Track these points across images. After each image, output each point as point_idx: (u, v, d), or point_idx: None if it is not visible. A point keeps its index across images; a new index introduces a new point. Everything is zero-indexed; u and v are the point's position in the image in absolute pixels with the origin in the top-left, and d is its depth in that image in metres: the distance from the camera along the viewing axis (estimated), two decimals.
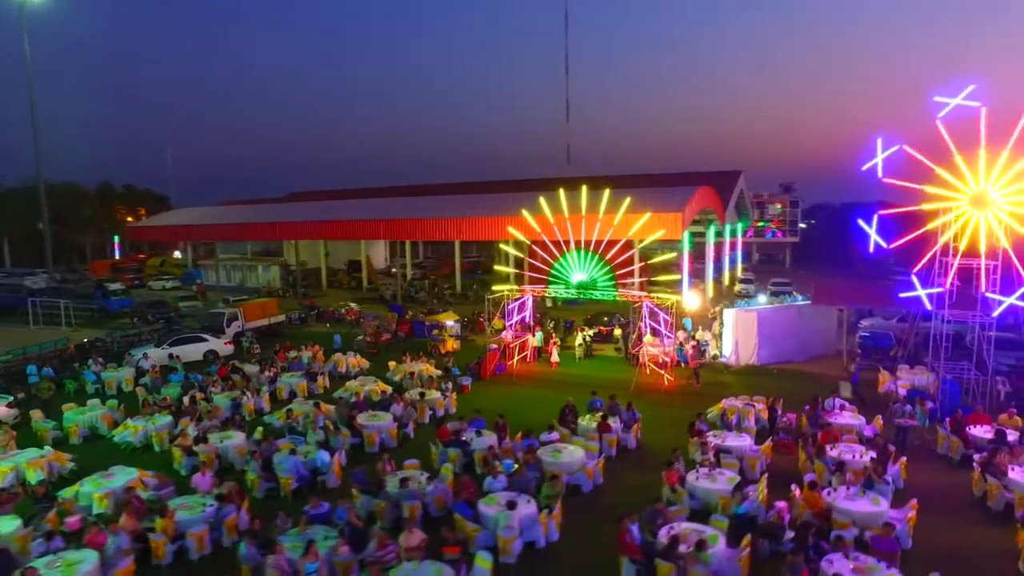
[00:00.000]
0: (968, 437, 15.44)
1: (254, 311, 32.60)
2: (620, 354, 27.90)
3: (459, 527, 11.85)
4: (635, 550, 10.82)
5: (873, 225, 18.36)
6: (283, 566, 10.11)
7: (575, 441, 15.93)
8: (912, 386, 19.87)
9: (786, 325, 26.07)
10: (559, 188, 26.29)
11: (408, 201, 47.69)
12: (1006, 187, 16.40)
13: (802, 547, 10.29)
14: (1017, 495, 12.74)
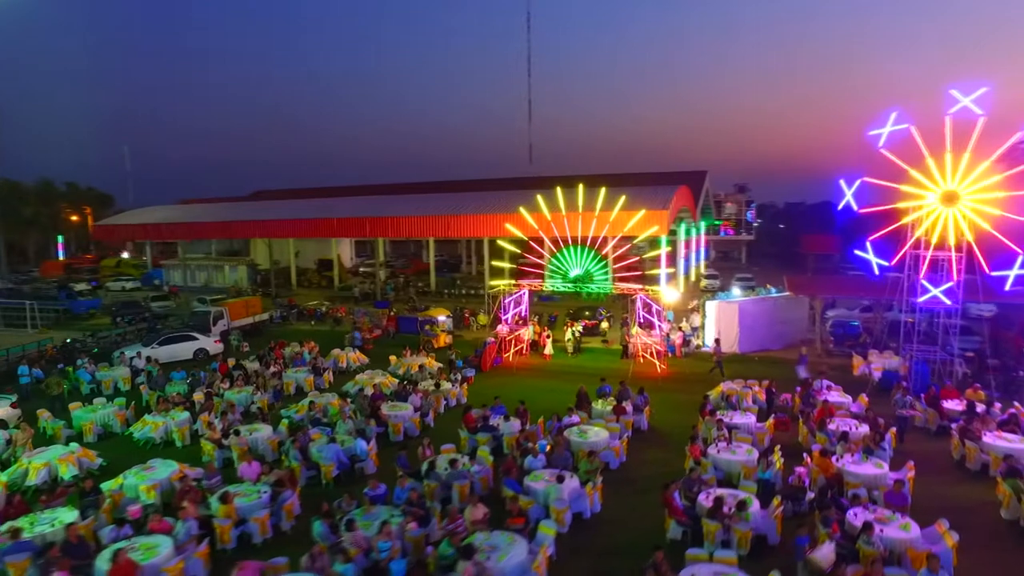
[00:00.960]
0: (943, 409, 17.28)
1: (239, 310, 32.41)
2: (608, 346, 29.19)
3: (511, 501, 12.68)
4: (681, 513, 11.92)
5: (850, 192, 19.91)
6: (361, 541, 10.73)
7: (595, 423, 16.96)
8: (884, 368, 21.84)
9: (764, 316, 27.90)
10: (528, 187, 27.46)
11: (381, 199, 47.75)
12: (971, 186, 18.34)
13: (829, 503, 11.60)
14: (992, 456, 14.49)
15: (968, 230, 18.57)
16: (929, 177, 19.03)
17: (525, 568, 10.26)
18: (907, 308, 21.48)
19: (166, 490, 13.73)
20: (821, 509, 11.59)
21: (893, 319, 27.38)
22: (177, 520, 11.65)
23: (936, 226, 18.72)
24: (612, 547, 11.97)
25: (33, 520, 11.75)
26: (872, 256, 19.85)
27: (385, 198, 48.20)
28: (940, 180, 18.81)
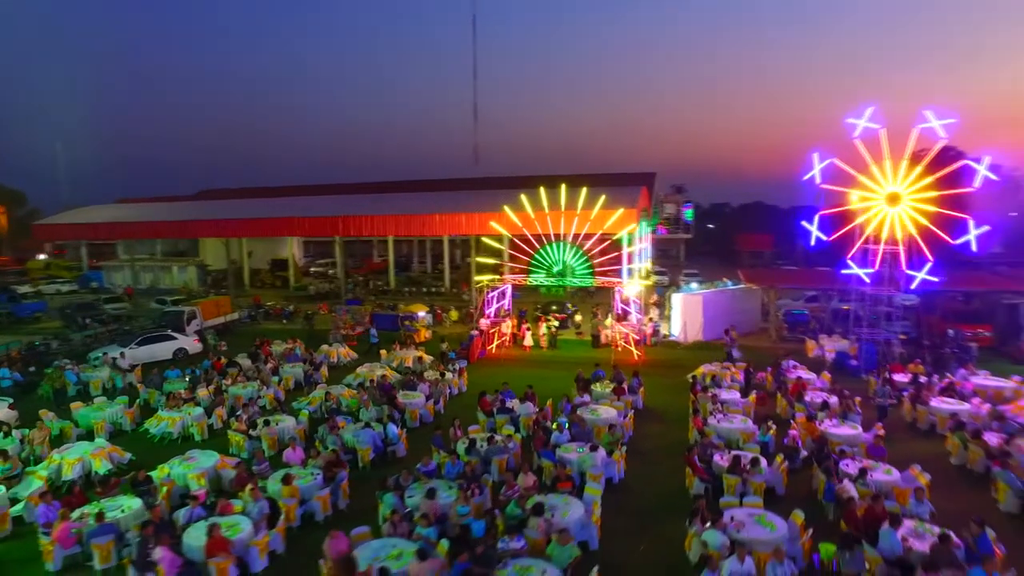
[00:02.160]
0: (894, 382, 19.96)
1: (210, 309, 32.08)
2: (581, 337, 30.96)
3: (547, 471, 14.05)
4: (703, 471, 13.66)
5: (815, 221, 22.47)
6: (436, 507, 11.82)
7: (602, 403, 18.55)
8: (836, 351, 24.61)
9: (724, 306, 30.40)
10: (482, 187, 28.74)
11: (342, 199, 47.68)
12: (911, 186, 21.17)
13: (825, 458, 13.64)
14: (938, 416, 17.12)
15: (912, 226, 21.35)
16: (875, 181, 21.77)
17: (585, 522, 11.66)
18: (854, 297, 24.32)
19: (212, 478, 14.27)
20: (820, 463, 13.62)
21: (834, 307, 30.61)
22: (243, 502, 12.33)
23: (884, 224, 21.44)
24: (645, 505, 13.53)
25: (101, 507, 12.09)
26: (815, 229, 22.30)
27: (342, 198, 48.14)
28: (884, 183, 21.56)
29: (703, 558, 10.77)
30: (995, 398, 18.59)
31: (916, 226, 21.00)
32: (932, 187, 21.02)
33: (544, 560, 10.24)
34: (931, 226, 20.83)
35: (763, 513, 11.51)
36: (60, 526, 11.35)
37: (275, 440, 16.54)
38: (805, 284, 33.48)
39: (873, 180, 21.79)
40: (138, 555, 10.59)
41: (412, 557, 10.23)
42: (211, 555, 10.56)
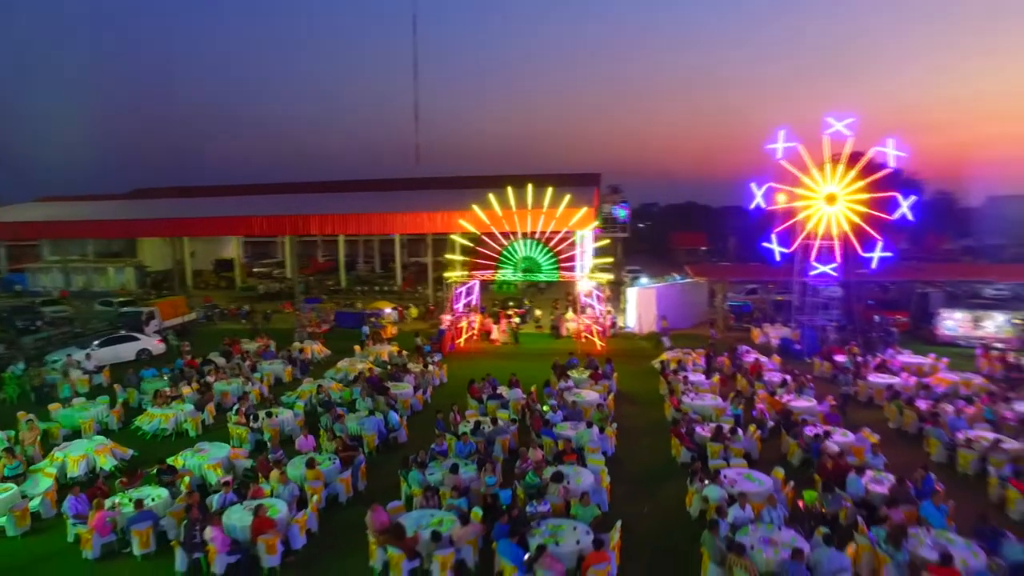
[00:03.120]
0: (835, 362, 22.45)
1: (167, 310, 31.39)
2: (541, 331, 32.39)
3: (548, 447, 15.30)
4: (688, 441, 15.28)
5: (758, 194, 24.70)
6: (462, 481, 12.83)
7: (584, 387, 19.96)
8: (781, 337, 27.13)
9: (675, 299, 32.62)
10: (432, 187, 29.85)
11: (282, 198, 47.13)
12: (847, 188, 23.81)
13: (793, 425, 15.57)
14: (875, 389, 19.58)
15: (845, 224, 23.98)
16: (814, 181, 24.32)
17: (596, 487, 12.96)
18: (796, 289, 26.94)
19: (227, 468, 14.65)
20: (789, 430, 15.54)
21: (773, 299, 33.47)
22: (271, 487, 12.92)
23: (821, 221, 23.98)
24: (639, 473, 14.98)
25: (131, 497, 12.37)
26: (776, 246, 24.68)
27: (286, 197, 47.48)
28: (822, 185, 24.13)
29: (702, 512, 12.36)
30: (918, 372, 21.32)
31: (850, 223, 23.64)
32: (865, 202, 23.67)
33: (570, 520, 11.48)
34: (850, 234, 23.51)
35: (749, 472, 13.21)
36: (97, 515, 11.59)
37: (277, 431, 16.97)
38: (749, 278, 36.24)
39: (813, 180, 24.32)
40: (186, 537, 11.06)
41: (452, 523, 11.24)
42: (258, 533, 11.15)
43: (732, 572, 9.86)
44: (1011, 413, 16.26)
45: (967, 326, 26.22)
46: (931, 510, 11.14)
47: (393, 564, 10.64)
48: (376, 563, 11.04)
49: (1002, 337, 25.13)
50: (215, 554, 10.87)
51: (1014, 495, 12.40)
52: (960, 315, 26.56)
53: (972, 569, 9.56)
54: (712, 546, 10.28)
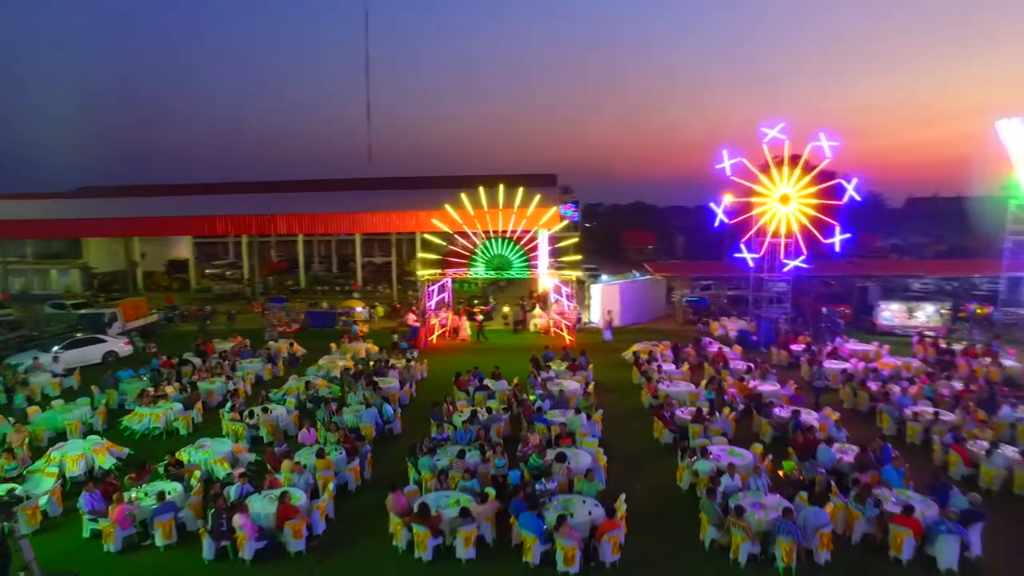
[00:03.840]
0: (790, 350, 24.32)
1: (129, 311, 30.69)
2: (507, 327, 33.34)
3: (541, 431, 16.23)
4: (671, 424, 16.53)
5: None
6: (469, 465, 13.61)
7: (564, 377, 21.01)
8: (738, 329, 28.97)
9: (636, 295, 34.16)
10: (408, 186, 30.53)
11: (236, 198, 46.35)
12: (797, 186, 25.78)
13: (765, 406, 17.06)
14: (831, 373, 21.42)
15: (796, 223, 25.95)
16: (767, 187, 26.21)
17: (595, 465, 13.98)
18: (752, 284, 28.85)
19: (232, 462, 14.93)
20: (759, 411, 17.01)
21: (727, 294, 35.51)
22: (284, 477, 13.36)
23: (780, 221, 25.88)
24: (627, 454, 16.06)
25: (146, 492, 12.59)
26: (747, 254, 26.44)
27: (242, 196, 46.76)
28: (778, 185, 26.04)
29: (692, 485, 13.59)
30: (864, 358, 23.36)
31: (799, 224, 25.63)
32: (815, 195, 25.69)
33: (578, 495, 12.45)
34: (810, 226, 25.53)
35: (732, 448, 14.54)
36: (117, 509, 11.78)
37: (273, 426, 17.27)
38: (704, 274, 38.20)
39: (765, 186, 26.20)
40: (213, 525, 11.43)
41: (468, 503, 12.02)
42: (284, 519, 11.63)
43: (730, 532, 11.08)
44: (947, 391, 18.29)
45: (902, 316, 28.74)
46: (891, 473, 12.70)
47: (419, 541, 11.35)
48: (400, 543, 11.71)
49: (931, 326, 27.69)
50: (243, 541, 11.31)
51: (955, 458, 14.16)
52: (896, 307, 29.08)
53: (928, 517, 11.08)
54: (711, 511, 11.47)
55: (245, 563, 11.34)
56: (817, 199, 25.55)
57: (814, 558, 10.84)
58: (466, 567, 11.21)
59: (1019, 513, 12.66)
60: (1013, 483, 13.38)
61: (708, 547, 11.53)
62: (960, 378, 19.98)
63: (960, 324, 27.94)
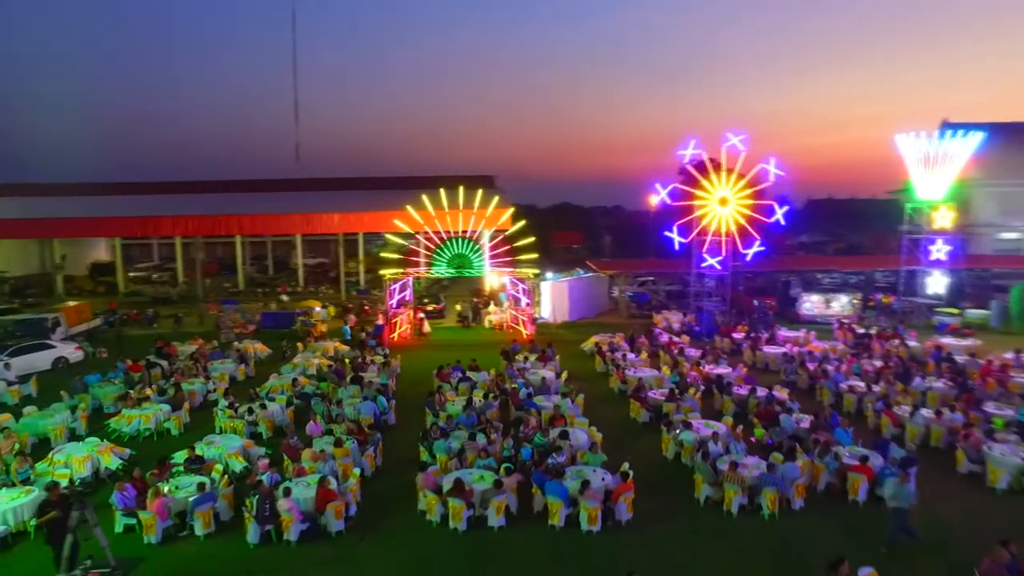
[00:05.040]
0: (733, 338, 27.03)
1: (72, 316, 29.41)
2: (463, 325, 34.53)
3: (534, 414, 17.67)
4: (647, 404, 18.43)
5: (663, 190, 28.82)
6: (478, 447, 14.84)
7: (537, 368, 22.52)
8: (680, 322, 31.57)
9: (583, 291, 36.23)
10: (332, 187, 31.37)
11: (165, 198, 44.84)
12: (738, 193, 28.58)
13: (726, 386, 19.30)
14: (771, 357, 24.17)
15: (733, 224, 28.75)
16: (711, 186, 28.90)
17: (592, 441, 15.57)
18: (693, 279, 31.52)
19: (245, 456, 15.41)
20: (721, 390, 19.24)
21: (666, 289, 38.28)
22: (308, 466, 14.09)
23: (714, 220, 28.59)
24: (611, 431, 17.56)
25: (177, 484, 12.99)
26: (676, 236, 28.91)
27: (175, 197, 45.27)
28: (717, 188, 28.75)
29: (677, 454, 15.48)
30: (796, 343, 26.38)
31: (737, 224, 28.49)
32: (750, 196, 28.59)
33: (586, 465, 13.99)
34: (748, 225, 28.43)
35: (707, 421, 16.57)
36: (156, 502, 12.16)
37: (271, 422, 17.74)
38: (644, 271, 40.83)
39: (710, 183, 28.88)
40: (258, 510, 12.08)
41: (492, 478, 13.27)
42: (325, 501, 12.43)
43: (723, 488, 12.99)
44: (870, 367, 21.33)
45: (821, 307, 32.36)
46: (842, 434, 15.12)
47: (454, 514, 12.50)
48: (435, 516, 12.80)
49: (845, 314, 31.39)
50: (289, 523, 12.04)
51: (885, 421, 16.85)
52: (815, 298, 32.69)
53: (876, 465, 13.45)
54: (705, 471, 13.34)
55: (291, 544, 12.08)
56: (751, 199, 28.43)
57: (791, 505, 12.94)
58: (498, 533, 12.49)
59: (936, 460, 15.34)
60: (930, 437, 16.18)
61: (703, 502, 13.40)
62: (878, 357, 23.18)
63: (869, 312, 31.84)
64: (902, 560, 11.07)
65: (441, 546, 12.13)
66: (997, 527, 11.61)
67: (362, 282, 48.27)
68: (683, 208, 29.69)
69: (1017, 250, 45.78)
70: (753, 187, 28.47)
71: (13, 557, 11.94)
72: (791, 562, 11.41)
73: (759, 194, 28.54)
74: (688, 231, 29.34)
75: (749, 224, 28.46)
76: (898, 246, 33.12)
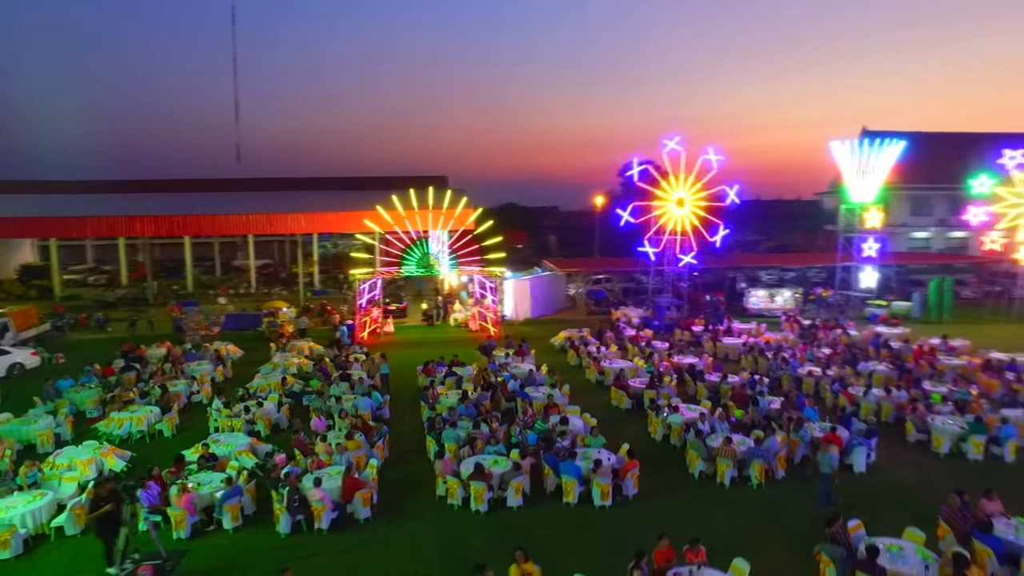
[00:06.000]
0: (692, 331, 28.88)
1: (20, 320, 28.02)
2: (428, 323, 35.05)
3: (526, 403, 18.64)
4: (629, 392, 19.74)
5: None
6: (487, 435, 15.67)
7: (516, 361, 23.49)
8: (639, 316, 33.28)
9: (543, 289, 37.43)
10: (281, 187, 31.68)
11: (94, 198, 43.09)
12: (692, 191, 30.50)
13: (699, 374, 20.88)
14: (731, 349, 26.09)
15: (689, 224, 30.66)
16: (670, 188, 30.71)
17: (588, 427, 16.68)
18: (652, 276, 33.28)
19: (252, 451, 15.62)
20: (694, 377, 20.81)
21: (623, 286, 40.06)
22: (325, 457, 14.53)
23: (674, 222, 30.42)
24: (598, 417, 18.74)
25: (199, 481, 13.18)
26: (649, 248, 30.60)
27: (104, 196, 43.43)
28: (674, 190, 30.60)
29: (666, 435, 16.83)
30: (750, 335, 28.48)
31: (691, 225, 30.43)
32: (704, 199, 30.57)
33: (589, 447, 15.07)
34: (700, 226, 30.43)
35: (688, 404, 18.02)
36: (184, 497, 12.35)
37: (269, 420, 17.91)
38: (600, 269, 42.49)
39: (669, 185, 30.68)
40: (289, 501, 12.48)
41: (506, 462, 14.14)
42: (353, 490, 12.96)
43: (716, 462, 14.37)
44: (822, 354, 23.52)
45: (766, 301, 34.87)
46: (810, 412, 16.88)
47: (476, 496, 13.30)
48: (456, 500, 13.54)
49: (788, 308, 33.99)
50: (321, 512, 12.51)
51: (842, 400, 18.80)
52: (761, 293, 35.19)
53: (844, 436, 15.19)
54: (700, 448, 14.70)
55: (323, 532, 12.56)
56: (706, 201, 30.44)
57: (775, 475, 14.48)
58: (518, 513, 13.39)
59: (889, 432, 17.30)
60: (881, 413, 18.24)
61: (697, 476, 14.76)
62: (825, 345, 25.49)
63: (809, 305, 34.57)
64: (876, 513, 12.69)
65: (466, 527, 12.91)
66: (944, 483, 13.57)
67: (316, 283, 47.78)
68: (646, 216, 31.33)
69: (927, 247, 50.64)
70: (701, 179, 30.40)
71: (36, 561, 11.85)
72: (780, 523, 12.87)
73: (709, 184, 30.52)
74: (650, 235, 31.05)
75: (709, 213, 30.44)
76: (824, 244, 36.14)
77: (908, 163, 44.26)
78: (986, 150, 38.43)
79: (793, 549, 11.69)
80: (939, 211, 50.71)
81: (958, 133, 52.57)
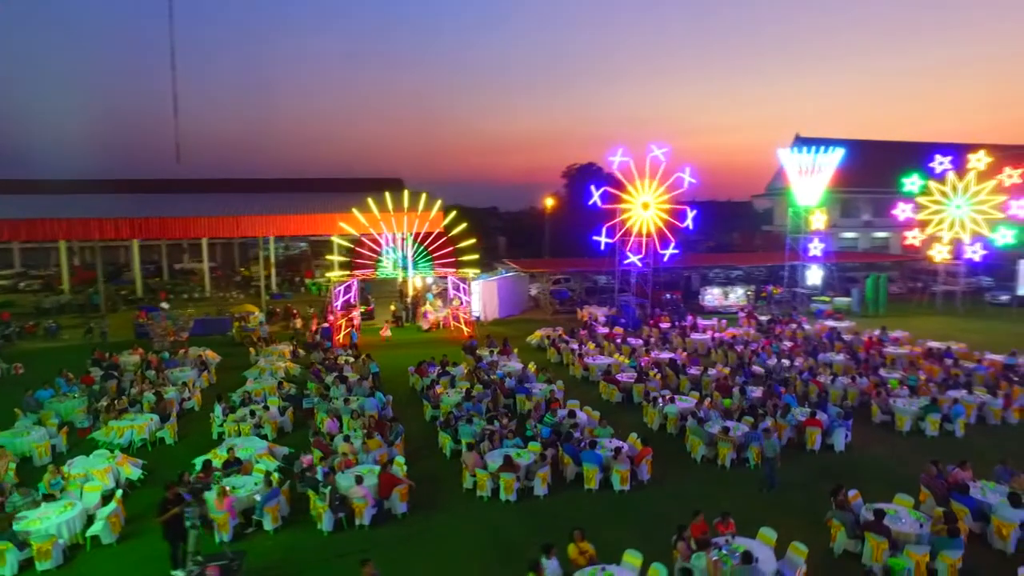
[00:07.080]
0: (661, 328, 30.49)
1: None
2: (397, 324, 35.28)
3: (527, 399, 19.50)
4: (619, 386, 20.94)
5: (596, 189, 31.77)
6: (500, 430, 16.44)
7: (502, 359, 24.30)
8: (603, 315, 34.67)
9: (510, 289, 38.33)
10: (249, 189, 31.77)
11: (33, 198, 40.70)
12: (658, 198, 32.15)
13: (680, 367, 22.32)
14: (700, 344, 27.80)
15: (654, 226, 32.32)
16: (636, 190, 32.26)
17: (592, 420, 17.72)
18: (618, 275, 34.76)
19: (270, 454, 15.78)
20: (677, 372, 22.24)
21: (583, 285, 41.43)
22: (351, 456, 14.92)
23: (637, 222, 32.01)
24: (595, 410, 20.04)
25: (233, 483, 13.33)
26: (604, 238, 31.99)
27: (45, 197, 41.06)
28: (640, 194, 32.18)
29: (662, 425, 18.10)
30: (714, 330, 30.33)
31: (656, 226, 32.13)
32: (667, 202, 32.30)
33: (600, 438, 16.10)
34: (664, 228, 32.18)
35: (679, 396, 19.37)
36: (225, 500, 12.50)
37: (276, 423, 18.00)
38: (563, 269, 43.75)
39: (635, 189, 32.21)
40: (331, 499, 12.85)
41: (528, 454, 14.97)
42: (390, 486, 13.44)
43: (717, 447, 15.70)
44: (785, 347, 25.53)
45: (720, 298, 37.10)
46: (789, 399, 18.55)
47: (506, 487, 14.05)
48: (485, 492, 14.24)
49: (741, 304, 36.30)
50: (363, 509, 12.95)
51: (813, 388, 20.64)
52: (716, 291, 37.41)
53: (824, 420, 16.89)
54: (701, 434, 15.99)
55: (364, 528, 13.00)
56: (668, 215, 32.20)
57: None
58: (544, 501, 14.24)
59: (856, 414, 19.13)
60: (847, 397, 20.20)
61: (699, 461, 16.06)
62: (785, 339, 27.60)
63: (761, 302, 37.04)
64: (862, 485, 14.26)
65: (500, 516, 13.65)
66: (912, 457, 15.50)
67: (273, 286, 46.85)
68: (607, 212, 32.77)
69: (854, 247, 54.84)
70: (656, 178, 32.10)
71: (77, 569, 11.76)
72: (780, 498, 14.28)
73: (666, 182, 32.25)
74: (612, 232, 32.50)
75: (665, 227, 32.20)
76: (762, 244, 38.80)
77: (839, 168, 47.98)
78: (910, 158, 42.26)
79: (796, 518, 13.08)
80: (865, 213, 55.06)
81: (884, 141, 57.24)
